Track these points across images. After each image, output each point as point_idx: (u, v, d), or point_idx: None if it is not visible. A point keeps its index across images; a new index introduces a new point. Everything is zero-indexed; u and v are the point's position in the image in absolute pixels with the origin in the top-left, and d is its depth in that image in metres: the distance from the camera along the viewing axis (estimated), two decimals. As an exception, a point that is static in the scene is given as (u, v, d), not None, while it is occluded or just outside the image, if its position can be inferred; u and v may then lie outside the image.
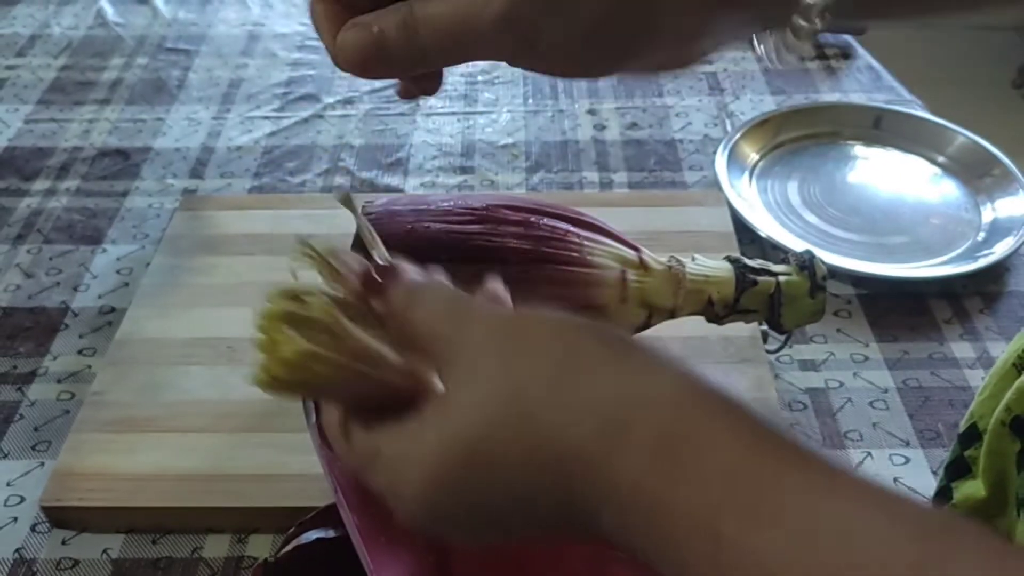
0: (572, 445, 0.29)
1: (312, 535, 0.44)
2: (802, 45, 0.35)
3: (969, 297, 0.68)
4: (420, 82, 0.40)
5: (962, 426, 0.45)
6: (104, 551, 0.52)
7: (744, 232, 0.72)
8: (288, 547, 0.44)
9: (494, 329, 0.32)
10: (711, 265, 0.56)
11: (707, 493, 0.26)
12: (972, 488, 0.44)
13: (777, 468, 0.26)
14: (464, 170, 0.82)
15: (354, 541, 0.39)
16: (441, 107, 0.90)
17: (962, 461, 0.45)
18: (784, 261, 0.57)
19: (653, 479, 0.27)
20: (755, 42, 0.37)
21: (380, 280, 0.36)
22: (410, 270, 0.37)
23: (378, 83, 0.94)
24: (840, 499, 0.25)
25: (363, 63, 0.35)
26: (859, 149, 0.82)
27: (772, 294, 0.55)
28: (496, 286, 0.38)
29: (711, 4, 0.34)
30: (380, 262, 0.37)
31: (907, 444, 0.57)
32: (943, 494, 0.46)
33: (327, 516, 0.44)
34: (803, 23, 0.34)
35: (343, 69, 0.36)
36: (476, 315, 0.33)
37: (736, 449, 0.27)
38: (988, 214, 0.75)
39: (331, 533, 0.44)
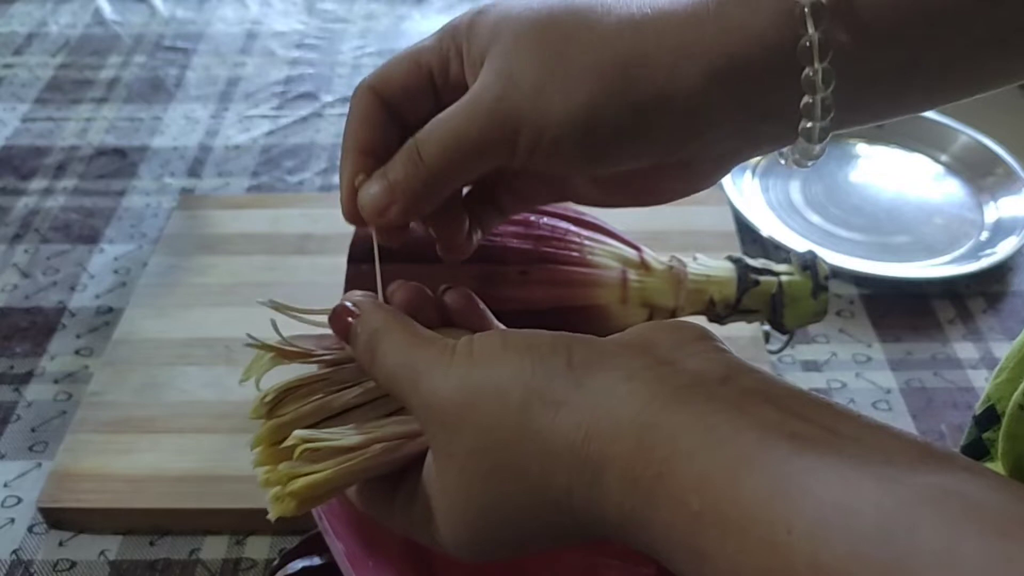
0: (561, 485, 0.29)
1: (298, 564, 0.44)
2: (813, 149, 0.35)
3: (972, 297, 0.67)
4: (449, 238, 0.40)
5: (978, 408, 0.44)
6: (102, 552, 0.52)
7: (746, 232, 0.71)
8: None
9: (447, 385, 0.32)
10: (713, 265, 0.56)
11: (680, 513, 0.27)
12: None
13: (741, 471, 0.26)
14: (464, 169, 0.81)
15: (341, 568, 0.39)
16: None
17: (979, 443, 0.44)
18: (786, 261, 0.56)
19: (631, 507, 0.28)
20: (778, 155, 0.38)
21: (343, 325, 0.36)
22: (367, 308, 0.36)
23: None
24: (804, 487, 0.25)
25: (381, 205, 0.36)
26: (862, 148, 0.82)
27: (774, 294, 0.55)
28: (461, 297, 0.38)
29: (702, 91, 0.33)
30: (339, 304, 0.36)
31: (910, 445, 0.57)
32: None
33: (312, 544, 0.44)
34: (810, 124, 0.34)
35: (369, 222, 0.37)
36: (428, 368, 0.32)
37: (701, 459, 0.27)
38: (991, 213, 0.74)
39: (316, 561, 0.44)
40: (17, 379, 0.62)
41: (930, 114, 0.84)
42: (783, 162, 0.37)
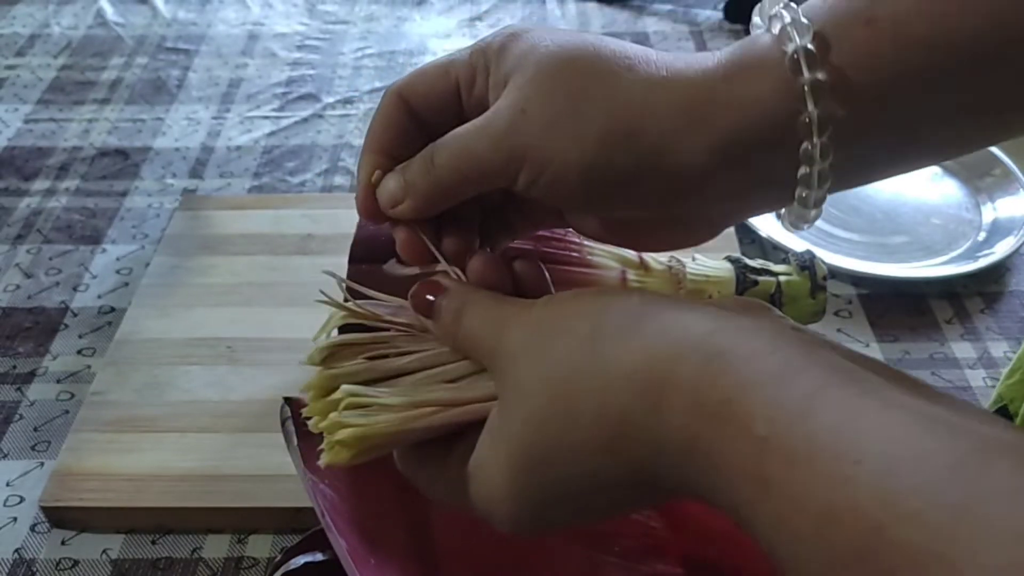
0: (618, 417, 0.30)
1: (300, 560, 0.44)
2: (808, 213, 0.36)
3: (970, 297, 0.67)
4: (456, 247, 0.41)
5: (990, 407, 0.44)
6: (104, 551, 0.52)
7: (744, 232, 0.72)
8: (277, 574, 0.44)
9: (526, 329, 0.33)
10: (711, 265, 0.56)
11: (746, 439, 0.26)
12: None
13: (811, 402, 0.26)
14: (464, 170, 0.82)
15: (344, 565, 0.39)
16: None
17: None
18: (785, 261, 0.57)
19: (696, 432, 0.28)
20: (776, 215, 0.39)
21: (424, 302, 0.37)
22: (453, 284, 0.37)
23: (378, 82, 0.94)
24: (875, 423, 0.25)
25: (393, 201, 0.38)
26: (859, 149, 0.82)
27: (773, 294, 0.55)
28: (529, 264, 0.39)
29: (703, 152, 0.34)
30: (425, 280, 0.37)
31: (908, 444, 0.57)
32: None
33: (314, 541, 0.45)
34: (805, 192, 0.35)
35: (386, 212, 0.38)
36: (511, 320, 0.34)
37: (768, 388, 0.27)
38: (989, 214, 0.75)
39: (319, 557, 0.44)
40: (20, 379, 0.63)
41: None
42: (780, 223, 0.38)
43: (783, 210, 0.37)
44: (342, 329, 0.38)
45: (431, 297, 0.36)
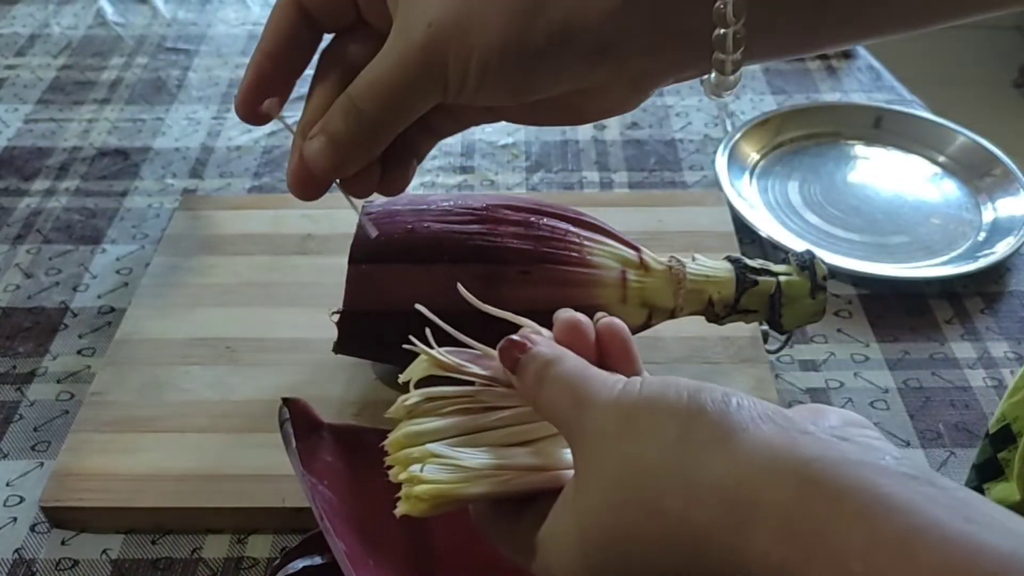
0: (701, 526, 0.29)
1: (299, 563, 0.44)
2: (727, 80, 0.36)
3: (970, 297, 0.67)
4: (393, 174, 0.41)
5: (992, 427, 0.44)
6: (104, 551, 0.52)
7: (744, 232, 0.72)
8: None
9: (610, 414, 0.32)
10: (711, 265, 0.56)
11: (839, 573, 0.26)
12: (1006, 491, 0.43)
13: (912, 542, 0.25)
14: (464, 170, 0.82)
15: (342, 567, 0.39)
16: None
17: (994, 463, 0.44)
18: (784, 261, 0.57)
19: (782, 559, 0.27)
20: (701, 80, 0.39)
21: (511, 358, 0.36)
22: (540, 343, 0.36)
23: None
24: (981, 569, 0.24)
25: (332, 166, 0.38)
26: (860, 149, 0.82)
27: (773, 294, 0.55)
28: (617, 333, 0.38)
29: (608, 11, 0.34)
30: (512, 337, 0.37)
31: (908, 444, 0.57)
32: None
33: (313, 544, 0.45)
34: (722, 55, 0.35)
35: (324, 181, 0.39)
36: (595, 399, 0.33)
37: (869, 525, 0.26)
38: (989, 214, 0.75)
39: (318, 560, 0.44)
40: (20, 379, 0.63)
41: (928, 115, 0.84)
42: (704, 91, 0.38)
43: (704, 77, 0.37)
44: (424, 379, 0.38)
45: (518, 355, 0.36)
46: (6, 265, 0.72)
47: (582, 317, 0.37)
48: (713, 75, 0.36)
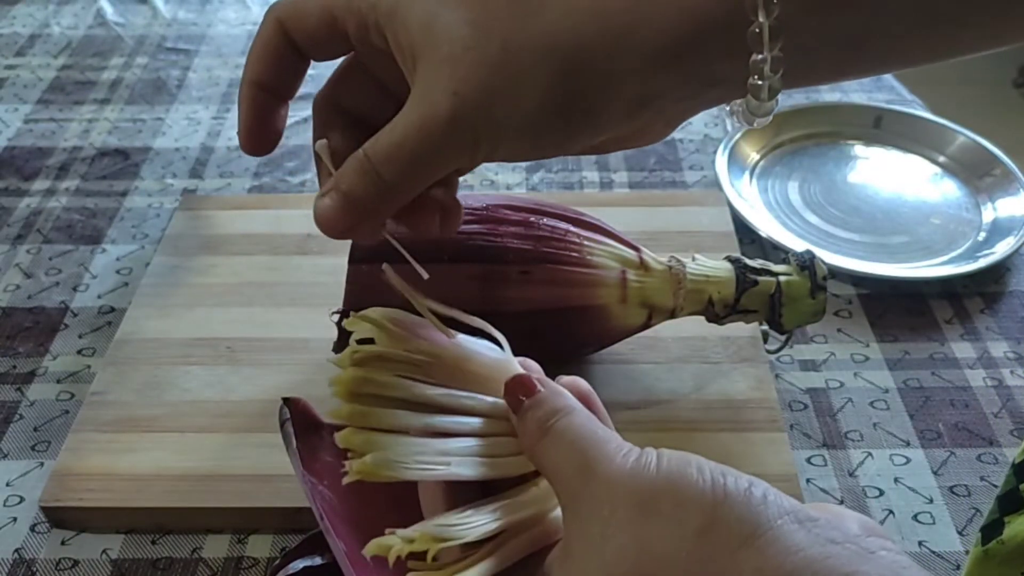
0: None
1: (299, 564, 0.44)
2: (762, 104, 0.35)
3: (970, 297, 0.67)
4: (423, 226, 0.40)
5: (1018, 457, 0.43)
6: (104, 551, 0.52)
7: (744, 232, 0.72)
8: None
9: (620, 488, 0.31)
10: (711, 265, 0.56)
11: None
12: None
13: None
14: (464, 170, 0.82)
15: (342, 567, 0.39)
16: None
17: (1016, 495, 0.43)
18: (784, 261, 0.57)
19: None
20: (726, 112, 0.38)
21: (516, 400, 0.35)
22: (550, 388, 0.35)
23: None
24: None
25: (345, 226, 0.36)
26: (859, 149, 0.82)
27: (772, 294, 0.55)
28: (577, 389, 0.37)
29: (648, 71, 0.34)
30: (522, 375, 0.36)
31: (907, 444, 0.57)
32: (994, 527, 0.43)
33: (313, 544, 0.44)
34: (759, 80, 0.34)
35: (335, 237, 0.37)
36: (604, 465, 0.32)
37: None
38: (989, 214, 0.75)
39: (318, 560, 0.44)
40: (20, 378, 0.63)
41: (927, 115, 0.84)
42: (730, 121, 0.38)
43: (735, 106, 0.36)
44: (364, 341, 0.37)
45: (523, 398, 0.34)
46: (6, 265, 0.72)
47: (546, 381, 0.36)
48: (748, 102, 0.35)
